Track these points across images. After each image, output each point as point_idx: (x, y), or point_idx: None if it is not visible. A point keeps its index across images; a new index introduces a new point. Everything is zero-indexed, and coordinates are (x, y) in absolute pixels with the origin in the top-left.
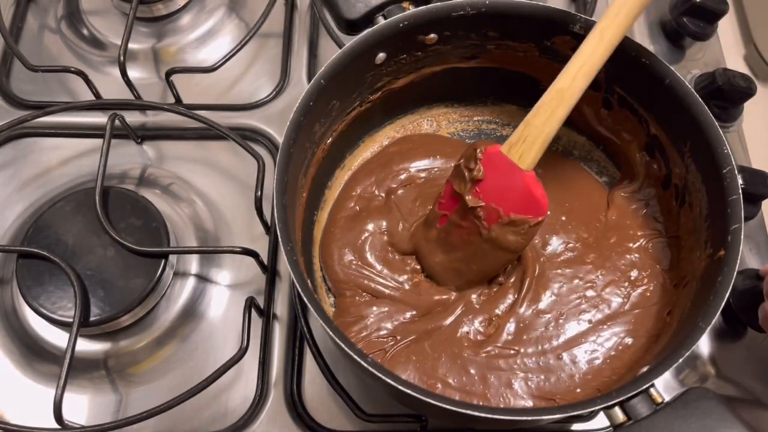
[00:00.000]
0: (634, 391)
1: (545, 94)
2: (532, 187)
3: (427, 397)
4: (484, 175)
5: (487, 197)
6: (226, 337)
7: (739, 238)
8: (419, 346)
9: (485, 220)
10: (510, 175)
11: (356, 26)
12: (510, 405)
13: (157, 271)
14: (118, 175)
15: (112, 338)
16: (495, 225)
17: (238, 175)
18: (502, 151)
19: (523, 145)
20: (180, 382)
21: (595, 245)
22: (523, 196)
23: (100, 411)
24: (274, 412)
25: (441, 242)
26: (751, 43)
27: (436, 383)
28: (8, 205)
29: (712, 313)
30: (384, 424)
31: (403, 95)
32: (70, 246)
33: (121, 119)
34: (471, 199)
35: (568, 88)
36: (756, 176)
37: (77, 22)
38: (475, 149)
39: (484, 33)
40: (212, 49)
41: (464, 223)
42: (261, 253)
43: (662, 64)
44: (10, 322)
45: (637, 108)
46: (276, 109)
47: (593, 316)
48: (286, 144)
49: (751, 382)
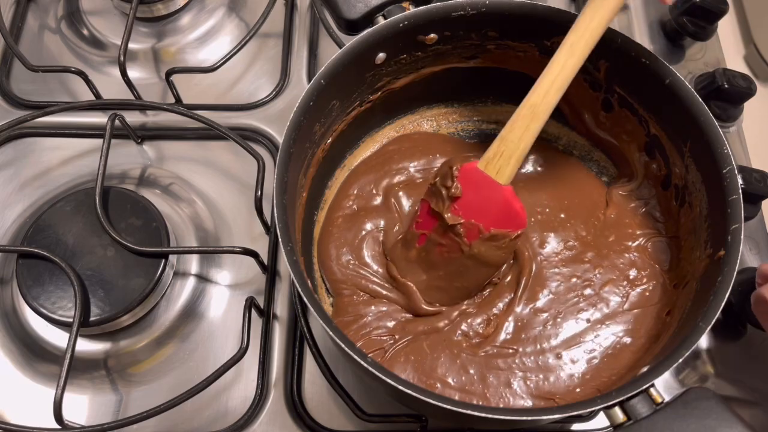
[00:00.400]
0: (634, 391)
1: (519, 109)
2: (511, 200)
3: (426, 397)
4: (461, 192)
5: (466, 214)
6: (226, 337)
7: (739, 238)
8: (418, 346)
9: (465, 236)
10: (488, 190)
11: (356, 26)
12: (509, 404)
13: (157, 271)
14: (118, 175)
15: (112, 338)
16: (476, 241)
17: (238, 175)
18: (479, 167)
19: (500, 160)
20: (180, 382)
21: (593, 243)
22: (503, 209)
23: (100, 411)
24: (274, 412)
25: (422, 261)
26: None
27: (436, 383)
28: (8, 205)
29: (712, 313)
30: (384, 424)
31: (403, 95)
32: (70, 246)
33: (121, 119)
34: (450, 216)
35: (541, 103)
36: (756, 176)
37: (77, 22)
38: (451, 167)
39: (484, 33)
40: (212, 49)
41: (444, 240)
42: (261, 253)
43: (662, 64)
44: (10, 322)
45: (637, 108)
46: (276, 109)
47: (591, 315)
48: (286, 144)
49: (751, 382)
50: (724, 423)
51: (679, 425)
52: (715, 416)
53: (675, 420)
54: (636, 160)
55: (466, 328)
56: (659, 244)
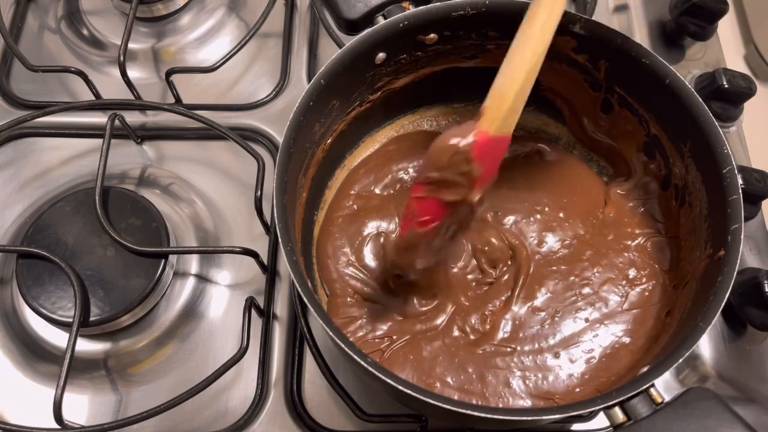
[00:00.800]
0: (634, 391)
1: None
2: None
3: (426, 397)
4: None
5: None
6: (226, 337)
7: (739, 238)
8: (416, 346)
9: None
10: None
11: (356, 26)
12: (509, 404)
13: (157, 271)
14: (118, 175)
15: (112, 338)
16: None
17: (238, 175)
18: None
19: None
20: (180, 382)
21: (592, 242)
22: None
23: (100, 411)
24: (274, 412)
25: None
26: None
27: (435, 382)
28: (8, 205)
29: (712, 313)
30: (384, 424)
31: (403, 95)
32: (70, 246)
33: (121, 119)
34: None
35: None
36: (756, 176)
37: (77, 22)
38: (456, 152)
39: (484, 33)
40: (212, 49)
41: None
42: (261, 253)
43: (662, 64)
44: (10, 322)
45: (637, 108)
46: (276, 109)
47: (590, 314)
48: (286, 144)
49: (751, 382)
50: (724, 423)
51: (679, 425)
52: (715, 416)
53: (675, 420)
54: (636, 160)
55: (463, 325)
56: (659, 244)
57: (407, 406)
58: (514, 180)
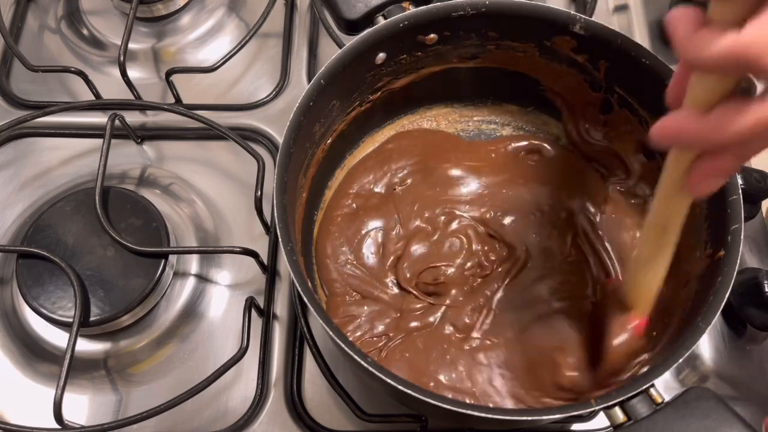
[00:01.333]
0: (634, 391)
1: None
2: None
3: (426, 397)
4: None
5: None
6: (226, 337)
7: (739, 238)
8: (412, 343)
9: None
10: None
11: (356, 26)
12: (497, 404)
13: (157, 271)
14: (118, 175)
15: (112, 338)
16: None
17: (238, 175)
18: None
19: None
20: (180, 382)
21: (591, 241)
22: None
23: (100, 411)
24: (274, 412)
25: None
26: None
27: (429, 381)
28: (8, 205)
29: (712, 313)
30: (384, 424)
31: (403, 95)
32: (70, 246)
33: (121, 119)
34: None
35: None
36: (756, 176)
37: (77, 22)
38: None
39: (484, 33)
40: (212, 49)
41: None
42: (261, 253)
43: (662, 64)
44: (10, 322)
45: (637, 108)
46: (276, 109)
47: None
48: (286, 144)
49: (751, 382)
50: (724, 423)
51: (679, 425)
52: (715, 416)
53: (675, 420)
54: (635, 161)
55: (455, 320)
56: None
57: (407, 406)
58: (514, 179)
